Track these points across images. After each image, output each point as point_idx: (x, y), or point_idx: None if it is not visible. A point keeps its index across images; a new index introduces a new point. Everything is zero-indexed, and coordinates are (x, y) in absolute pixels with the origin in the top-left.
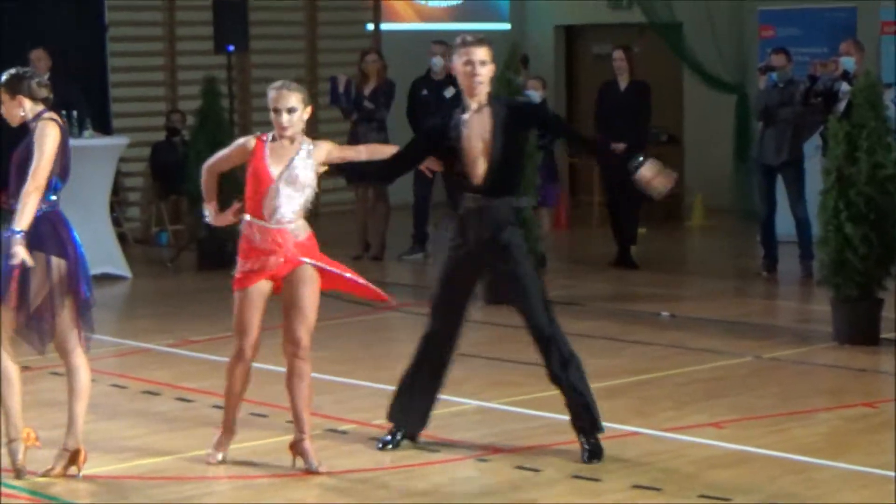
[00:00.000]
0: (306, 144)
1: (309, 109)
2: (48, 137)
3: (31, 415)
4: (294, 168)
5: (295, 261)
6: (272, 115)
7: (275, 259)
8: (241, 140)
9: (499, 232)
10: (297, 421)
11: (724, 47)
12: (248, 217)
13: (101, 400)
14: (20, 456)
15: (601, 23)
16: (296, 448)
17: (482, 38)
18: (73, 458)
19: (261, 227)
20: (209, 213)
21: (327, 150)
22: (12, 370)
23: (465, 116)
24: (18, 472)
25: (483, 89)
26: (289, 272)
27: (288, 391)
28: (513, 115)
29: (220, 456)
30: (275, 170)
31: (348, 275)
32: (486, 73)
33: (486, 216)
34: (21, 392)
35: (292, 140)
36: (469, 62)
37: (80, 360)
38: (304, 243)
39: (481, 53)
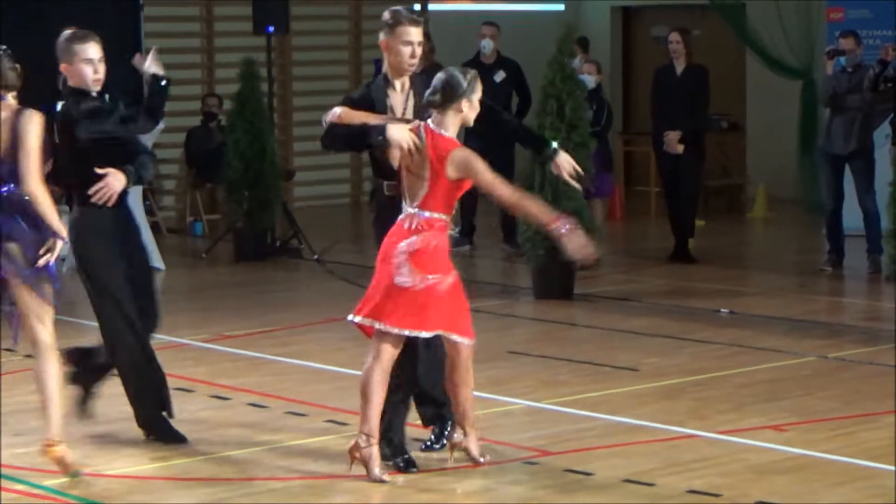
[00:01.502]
0: None
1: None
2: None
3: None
4: None
5: None
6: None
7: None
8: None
9: None
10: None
11: (790, 29)
12: (444, 217)
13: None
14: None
15: (660, 4)
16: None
17: (419, 17)
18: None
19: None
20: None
21: None
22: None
23: (388, 95)
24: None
25: (413, 68)
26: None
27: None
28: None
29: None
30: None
31: None
32: (418, 52)
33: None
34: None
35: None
36: (407, 42)
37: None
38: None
39: (420, 33)
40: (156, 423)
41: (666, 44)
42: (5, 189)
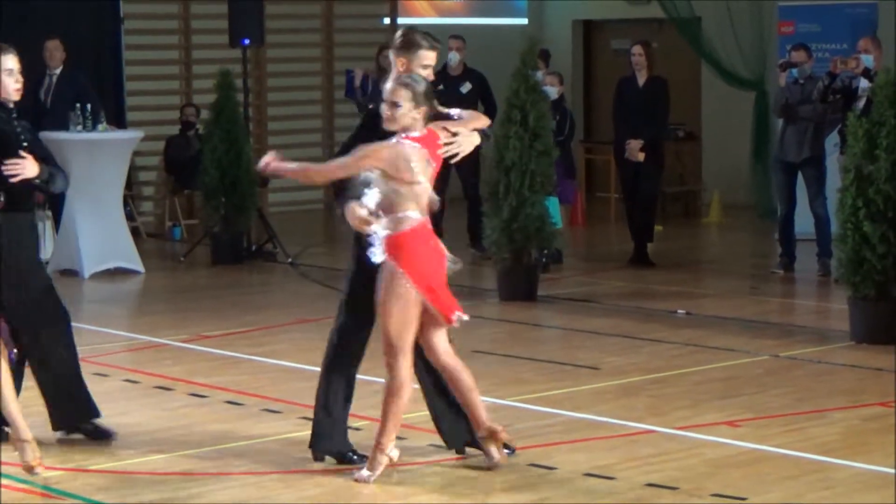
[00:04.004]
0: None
1: (423, 109)
2: None
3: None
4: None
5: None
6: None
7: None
8: (388, 147)
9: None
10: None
11: (744, 43)
12: (417, 214)
13: (115, 395)
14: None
15: (620, 18)
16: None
17: (437, 42)
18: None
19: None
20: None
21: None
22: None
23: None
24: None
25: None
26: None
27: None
28: None
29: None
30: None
31: None
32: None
33: None
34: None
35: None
36: (427, 66)
37: None
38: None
39: (435, 58)
40: (79, 422)
41: (626, 56)
42: None
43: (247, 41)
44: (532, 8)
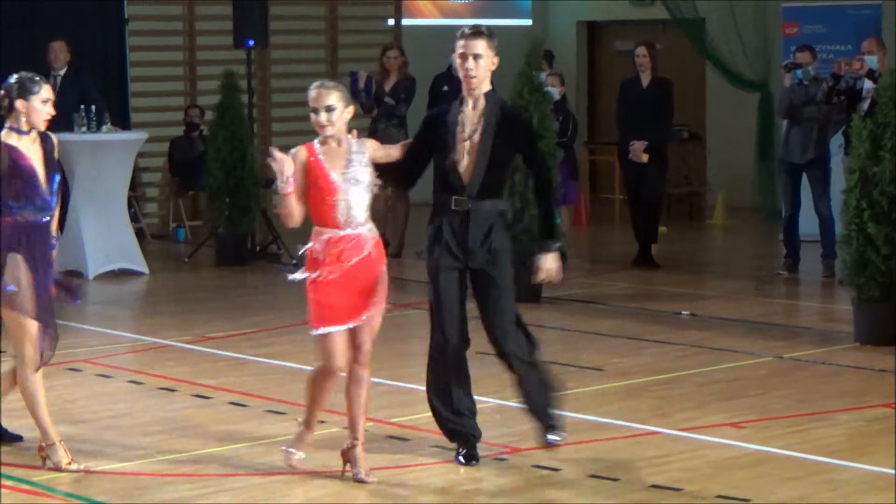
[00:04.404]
0: (354, 142)
1: (351, 108)
2: None
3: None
4: (355, 169)
5: (379, 269)
6: (311, 115)
7: (353, 262)
8: (293, 152)
9: (487, 236)
10: (352, 427)
11: (748, 44)
12: (315, 227)
13: (119, 396)
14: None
15: (624, 19)
16: (347, 454)
17: (481, 30)
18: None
19: (339, 237)
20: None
21: (372, 149)
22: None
23: (462, 112)
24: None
25: (476, 83)
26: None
27: (346, 396)
28: (504, 122)
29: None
30: (337, 176)
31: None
32: (477, 67)
33: (473, 219)
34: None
35: (339, 142)
36: (463, 55)
37: None
38: (379, 248)
39: (476, 46)
40: None
41: (629, 57)
42: None
43: (251, 42)
44: (536, 9)
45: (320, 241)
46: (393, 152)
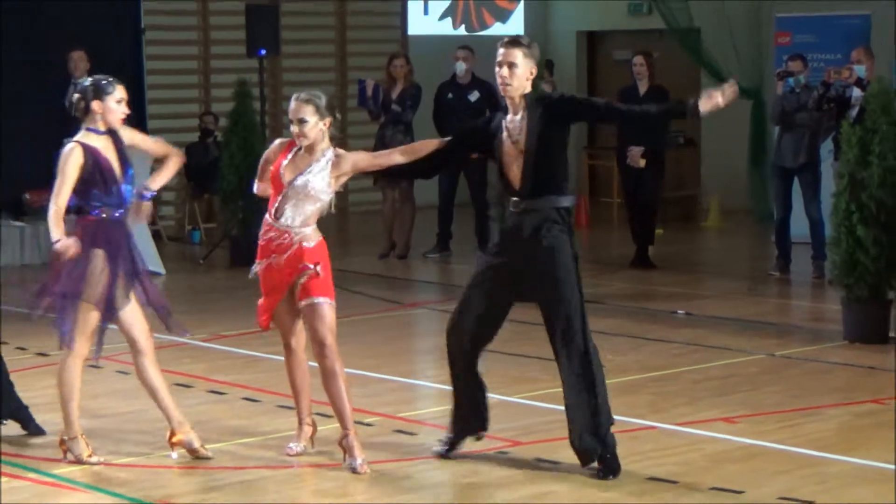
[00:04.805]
0: (329, 154)
1: (328, 120)
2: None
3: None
4: (306, 177)
5: (299, 266)
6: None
7: (277, 259)
8: (277, 140)
9: (538, 233)
10: (339, 418)
11: (741, 53)
12: (266, 215)
13: (137, 392)
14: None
15: (622, 29)
16: (341, 444)
17: (518, 40)
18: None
19: (270, 226)
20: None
21: (353, 162)
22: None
23: (506, 120)
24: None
25: (511, 91)
26: (298, 277)
27: (325, 391)
28: (546, 110)
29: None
30: (287, 176)
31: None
32: (512, 75)
33: (526, 219)
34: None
35: (311, 150)
36: (500, 63)
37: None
38: (313, 249)
39: (512, 55)
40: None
41: (628, 66)
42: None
43: (263, 52)
44: (538, 20)
45: (263, 226)
46: (383, 160)
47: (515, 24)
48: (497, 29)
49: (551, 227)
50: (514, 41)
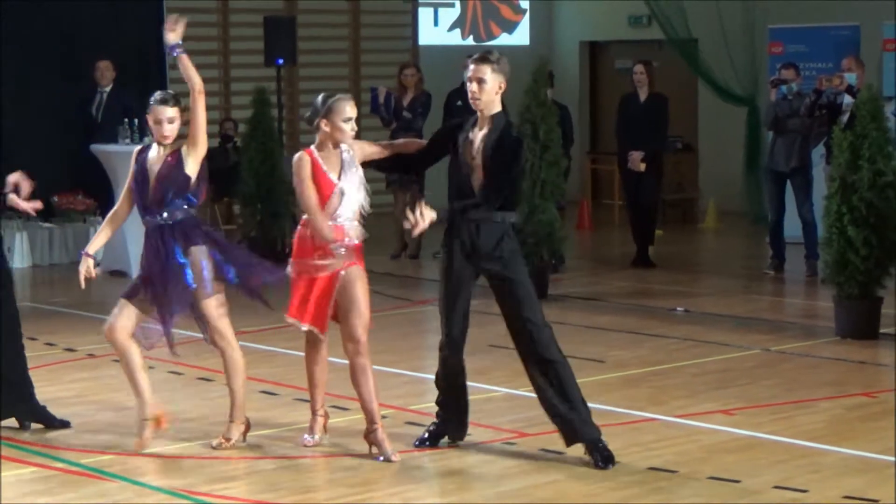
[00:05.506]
0: (346, 149)
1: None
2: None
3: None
4: (352, 169)
5: (347, 263)
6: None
7: (332, 261)
8: (295, 161)
9: (495, 244)
10: (367, 413)
11: (737, 62)
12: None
13: (160, 386)
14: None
15: (623, 39)
16: (369, 438)
17: (487, 57)
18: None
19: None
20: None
21: (360, 147)
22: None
23: (472, 131)
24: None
25: (481, 105)
26: (342, 271)
27: (354, 387)
28: (499, 144)
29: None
30: (333, 175)
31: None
32: (481, 90)
33: (483, 229)
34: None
35: (336, 148)
36: (470, 79)
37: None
38: (359, 246)
39: (480, 71)
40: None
41: (629, 74)
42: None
43: (281, 61)
44: (543, 31)
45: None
46: (381, 148)
47: (521, 35)
48: (504, 39)
49: (509, 240)
50: (482, 57)
